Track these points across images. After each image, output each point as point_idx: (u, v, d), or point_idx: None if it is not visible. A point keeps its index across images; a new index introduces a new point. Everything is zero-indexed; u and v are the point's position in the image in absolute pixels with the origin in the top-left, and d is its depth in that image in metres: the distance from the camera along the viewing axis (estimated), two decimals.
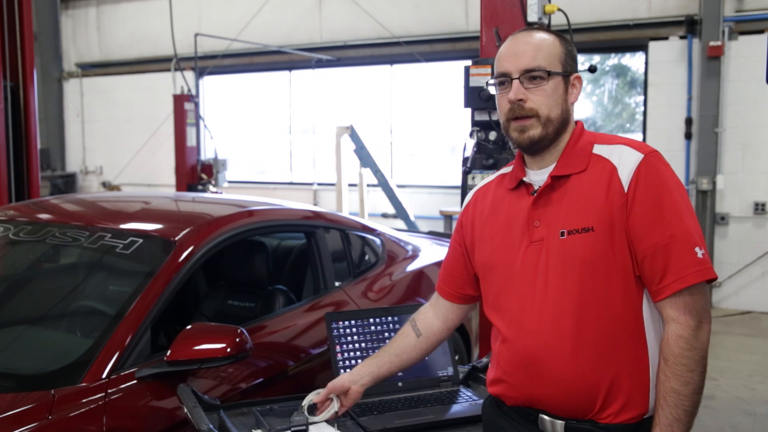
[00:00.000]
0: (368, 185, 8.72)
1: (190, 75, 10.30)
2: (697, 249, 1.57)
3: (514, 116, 1.69)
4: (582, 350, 1.62)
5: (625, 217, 1.60)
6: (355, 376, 2.02)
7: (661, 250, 1.57)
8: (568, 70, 1.72)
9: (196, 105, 9.33)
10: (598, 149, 1.69)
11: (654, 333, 1.64)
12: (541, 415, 1.70)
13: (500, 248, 1.76)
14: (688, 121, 7.64)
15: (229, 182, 9.46)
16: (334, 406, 2.03)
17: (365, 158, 8.43)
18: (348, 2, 9.36)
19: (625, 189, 1.60)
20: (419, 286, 3.80)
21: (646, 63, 7.97)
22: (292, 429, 2.01)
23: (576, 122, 1.76)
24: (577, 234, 1.62)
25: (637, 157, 1.62)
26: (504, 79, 1.71)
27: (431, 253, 4.11)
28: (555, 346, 1.64)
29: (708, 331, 1.59)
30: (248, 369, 2.68)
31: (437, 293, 2.03)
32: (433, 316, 2.03)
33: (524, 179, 1.76)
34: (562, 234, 1.64)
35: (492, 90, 1.76)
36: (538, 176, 1.74)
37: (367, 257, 3.76)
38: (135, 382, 2.32)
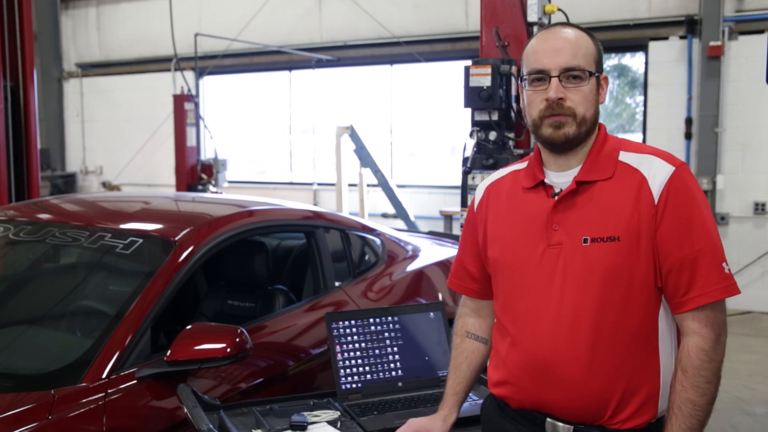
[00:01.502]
0: (368, 185, 8.71)
1: (190, 75, 10.30)
2: (724, 265, 1.59)
3: (551, 113, 1.65)
4: (598, 358, 1.62)
5: (654, 229, 1.59)
6: (444, 416, 1.95)
7: (688, 263, 1.57)
8: (599, 70, 1.70)
9: (196, 105, 9.33)
10: (625, 157, 1.67)
11: (666, 342, 1.65)
12: (548, 419, 1.69)
13: (514, 248, 1.74)
14: (688, 121, 7.64)
15: (229, 182, 9.46)
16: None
17: (365, 158, 8.43)
18: (348, 2, 9.36)
19: (656, 201, 1.59)
20: (419, 286, 3.80)
21: (646, 63, 7.97)
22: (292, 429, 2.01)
23: (599, 125, 1.74)
24: (602, 242, 1.61)
25: (668, 169, 1.61)
26: (541, 76, 1.67)
27: (431, 253, 4.10)
28: (570, 352, 1.63)
29: (725, 343, 1.61)
30: (248, 369, 2.68)
31: (471, 297, 1.97)
32: (482, 318, 1.96)
33: (545, 180, 1.72)
34: (585, 241, 1.63)
35: (524, 85, 1.71)
36: (559, 178, 1.71)
37: (367, 257, 3.76)
38: (135, 382, 2.32)
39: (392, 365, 2.44)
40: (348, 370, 2.39)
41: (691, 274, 1.58)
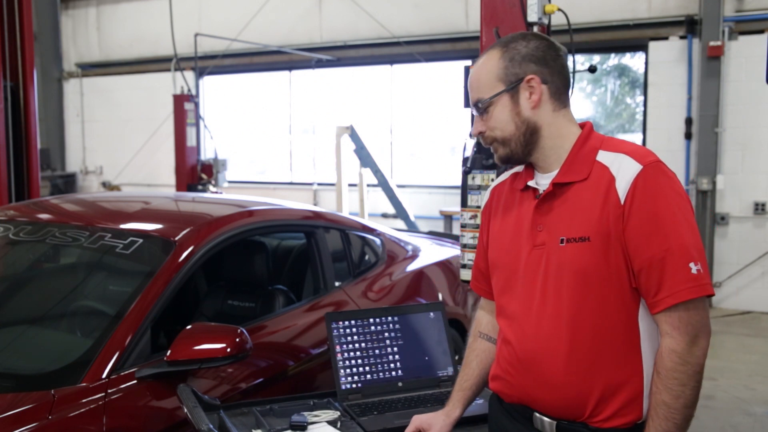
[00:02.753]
0: (368, 185, 8.72)
1: (190, 75, 10.30)
2: (692, 264, 1.55)
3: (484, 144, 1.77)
4: (575, 357, 1.63)
5: (621, 230, 1.59)
6: (447, 411, 1.96)
7: (656, 264, 1.56)
8: (513, 80, 1.69)
9: (196, 105, 9.32)
10: (602, 156, 1.67)
11: (649, 342, 1.64)
12: (535, 413, 1.72)
13: (507, 249, 1.78)
14: (688, 121, 7.64)
15: (229, 182, 9.46)
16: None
17: (365, 158, 8.43)
18: (348, 2, 9.36)
19: (622, 201, 1.58)
20: (419, 286, 3.80)
21: (646, 63, 7.97)
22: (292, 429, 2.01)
23: (585, 123, 1.75)
24: (575, 243, 1.63)
25: (635, 168, 1.59)
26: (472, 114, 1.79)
27: (431, 253, 4.10)
28: (551, 351, 1.66)
29: (704, 346, 1.58)
30: (248, 369, 2.68)
31: (485, 298, 1.99)
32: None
33: (529, 183, 1.75)
34: (562, 241, 1.65)
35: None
36: (543, 180, 1.74)
37: (367, 257, 3.76)
38: (135, 382, 2.32)
39: (392, 365, 2.45)
40: (348, 370, 2.39)
41: (659, 274, 1.56)
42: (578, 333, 1.63)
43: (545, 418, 1.70)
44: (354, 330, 2.45)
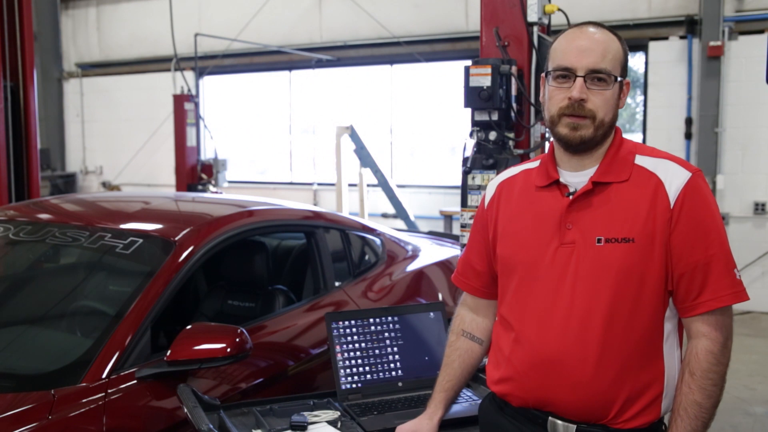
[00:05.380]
0: (368, 185, 8.72)
1: (190, 75, 10.30)
2: (735, 271, 1.63)
3: (571, 113, 1.65)
4: (607, 358, 1.63)
5: (668, 233, 1.61)
6: (430, 414, 1.94)
7: (701, 268, 1.60)
8: (624, 75, 1.71)
9: (196, 105, 9.32)
10: (641, 161, 1.69)
11: (670, 345, 1.67)
12: (551, 417, 1.69)
13: (526, 246, 1.74)
14: (688, 121, 7.65)
15: (229, 182, 9.46)
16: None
17: (365, 158, 8.43)
18: (348, 2, 9.36)
19: (671, 205, 1.61)
20: (419, 286, 3.80)
21: (646, 63, 7.97)
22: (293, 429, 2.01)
23: (616, 128, 1.75)
24: (616, 243, 1.62)
25: (685, 174, 1.63)
26: (566, 74, 1.66)
27: (431, 253, 4.10)
28: (580, 351, 1.64)
29: (731, 348, 1.64)
30: (248, 369, 2.68)
31: (471, 295, 1.96)
32: (481, 317, 1.96)
33: (560, 180, 1.73)
34: (599, 241, 1.64)
35: (547, 80, 1.71)
36: (574, 178, 1.72)
37: (367, 257, 3.76)
38: (135, 382, 2.32)
39: (392, 365, 2.45)
40: (348, 370, 2.39)
41: (703, 278, 1.60)
42: (611, 334, 1.62)
43: (562, 422, 1.68)
44: (354, 330, 2.45)
